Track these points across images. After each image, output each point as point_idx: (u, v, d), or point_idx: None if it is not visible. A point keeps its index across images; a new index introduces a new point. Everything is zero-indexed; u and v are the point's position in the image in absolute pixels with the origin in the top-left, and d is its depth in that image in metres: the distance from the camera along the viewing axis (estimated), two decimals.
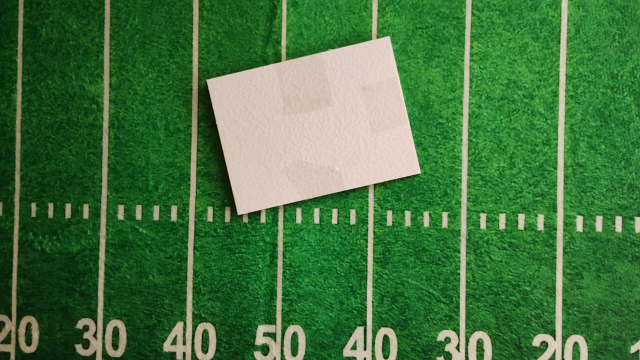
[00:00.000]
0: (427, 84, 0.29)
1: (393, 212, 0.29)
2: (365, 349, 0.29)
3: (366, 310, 0.29)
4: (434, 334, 0.29)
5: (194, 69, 0.29)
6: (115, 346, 0.29)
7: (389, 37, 0.28)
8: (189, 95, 0.29)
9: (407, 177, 0.29)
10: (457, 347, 0.29)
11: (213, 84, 0.29)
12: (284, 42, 0.29)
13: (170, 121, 0.30)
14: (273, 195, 0.29)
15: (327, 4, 0.29)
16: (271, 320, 0.29)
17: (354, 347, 0.29)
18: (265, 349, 0.29)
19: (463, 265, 0.29)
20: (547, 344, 0.28)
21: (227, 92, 0.29)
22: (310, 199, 0.29)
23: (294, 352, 0.29)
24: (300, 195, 0.29)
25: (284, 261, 0.29)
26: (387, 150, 0.29)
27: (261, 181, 0.29)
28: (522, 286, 0.28)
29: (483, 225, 0.29)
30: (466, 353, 0.29)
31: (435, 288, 0.29)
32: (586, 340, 0.28)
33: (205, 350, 0.29)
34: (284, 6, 0.29)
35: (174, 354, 0.29)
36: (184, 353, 0.29)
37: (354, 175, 0.29)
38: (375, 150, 0.29)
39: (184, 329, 0.29)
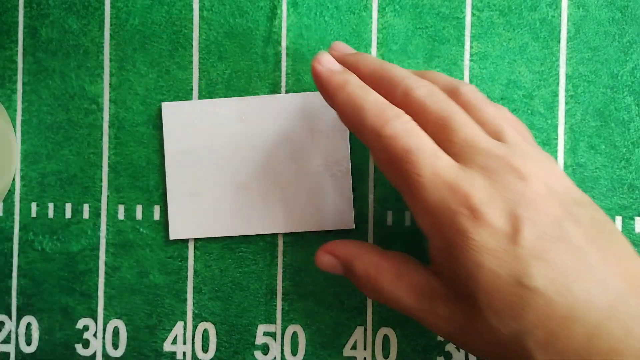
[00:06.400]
0: None
1: (393, 212, 0.29)
2: (365, 348, 0.29)
3: (366, 309, 0.29)
4: (434, 334, 0.29)
5: (194, 69, 0.29)
6: (115, 346, 0.29)
7: None
8: (189, 95, 0.29)
9: None
10: (457, 347, 0.29)
11: (167, 108, 0.29)
12: (284, 43, 0.29)
13: None
14: (208, 225, 0.29)
15: (327, 4, 0.29)
16: (271, 320, 0.29)
17: (354, 347, 0.29)
18: (265, 349, 0.29)
19: None
20: None
21: (181, 118, 0.29)
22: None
23: (294, 351, 0.29)
24: (233, 231, 0.29)
25: (284, 261, 0.29)
26: (327, 200, 0.28)
27: (198, 210, 0.29)
28: None
29: None
30: (466, 353, 0.29)
31: None
32: None
33: (205, 349, 0.29)
34: (284, 6, 0.29)
35: (174, 353, 0.29)
36: (184, 353, 0.29)
37: (290, 219, 0.28)
38: (315, 197, 0.28)
39: (185, 328, 0.29)
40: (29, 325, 0.30)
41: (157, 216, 0.29)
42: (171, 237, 0.29)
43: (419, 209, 0.20)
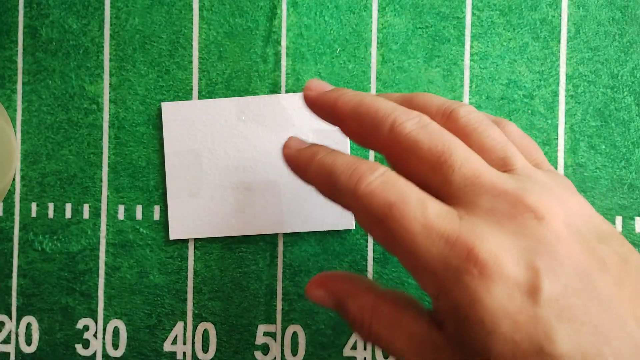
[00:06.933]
0: (427, 84, 0.29)
1: None
2: (365, 348, 0.29)
3: None
4: None
5: (194, 69, 0.29)
6: (115, 346, 0.29)
7: None
8: (188, 95, 0.29)
9: None
10: None
11: (167, 108, 0.29)
12: (284, 42, 0.29)
13: None
14: (208, 225, 0.29)
15: (327, 4, 0.29)
16: (271, 320, 0.29)
17: (354, 347, 0.29)
18: (265, 349, 0.29)
19: None
20: None
21: (181, 118, 0.29)
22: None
23: (294, 351, 0.29)
24: (233, 231, 0.29)
25: (284, 261, 0.29)
26: (327, 200, 0.28)
27: (198, 210, 0.29)
28: None
29: None
30: None
31: None
32: None
33: (205, 350, 0.29)
34: (284, 6, 0.29)
35: (174, 353, 0.29)
36: (184, 353, 0.29)
37: (290, 219, 0.28)
38: (315, 197, 0.28)
39: (185, 328, 0.29)
40: (29, 325, 0.30)
41: (157, 216, 0.29)
42: (171, 237, 0.29)
43: (416, 270, 0.17)
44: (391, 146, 0.19)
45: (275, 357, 0.29)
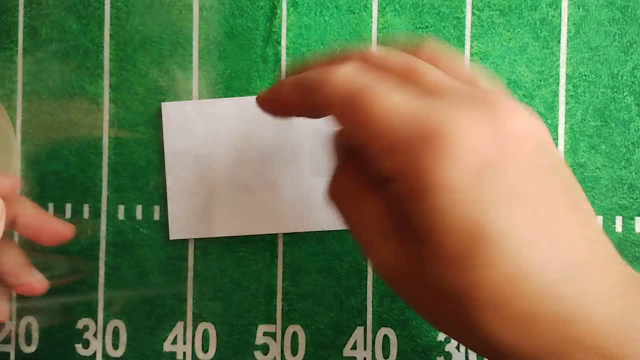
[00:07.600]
0: None
1: None
2: (365, 348, 0.29)
3: (366, 310, 0.29)
4: (434, 334, 0.29)
5: (193, 69, 0.29)
6: (115, 346, 0.29)
7: None
8: (189, 95, 0.29)
9: None
10: (457, 347, 0.29)
11: (167, 108, 0.29)
12: (284, 42, 0.29)
13: None
14: (208, 226, 0.29)
15: (327, 4, 0.29)
16: (271, 320, 0.29)
17: (354, 347, 0.29)
18: (265, 349, 0.29)
19: None
20: None
21: (181, 118, 0.29)
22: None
23: (294, 351, 0.29)
24: (233, 231, 0.29)
25: (284, 261, 0.29)
26: (324, 200, 0.28)
27: (198, 210, 0.29)
28: None
29: None
30: (466, 353, 0.29)
31: None
32: None
33: (205, 350, 0.29)
34: (284, 6, 0.29)
35: (174, 353, 0.29)
36: (184, 353, 0.29)
37: (289, 219, 0.29)
38: (315, 197, 0.28)
39: (185, 328, 0.29)
40: (29, 325, 0.30)
41: (157, 216, 0.29)
42: (171, 237, 0.29)
43: (382, 150, 0.17)
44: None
45: (275, 357, 0.29)
